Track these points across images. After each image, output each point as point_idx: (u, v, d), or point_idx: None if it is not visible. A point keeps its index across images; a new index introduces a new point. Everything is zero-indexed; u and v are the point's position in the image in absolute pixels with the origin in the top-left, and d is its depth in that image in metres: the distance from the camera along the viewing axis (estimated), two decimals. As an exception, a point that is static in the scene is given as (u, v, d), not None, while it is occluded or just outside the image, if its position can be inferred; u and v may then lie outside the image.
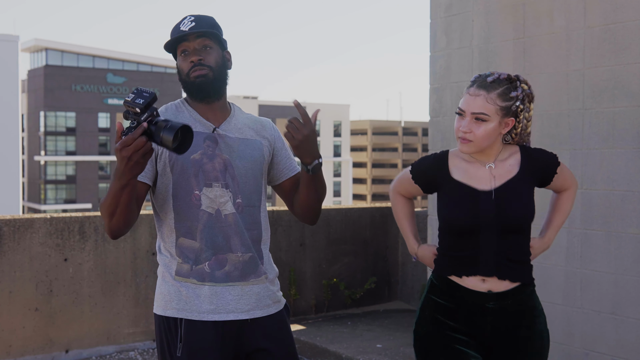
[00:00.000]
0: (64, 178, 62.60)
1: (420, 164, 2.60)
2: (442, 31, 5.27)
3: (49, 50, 61.85)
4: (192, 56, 2.37)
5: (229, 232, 2.37)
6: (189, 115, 2.42)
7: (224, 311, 2.36)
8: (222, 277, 2.36)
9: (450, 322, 2.46)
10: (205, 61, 2.37)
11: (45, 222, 5.08)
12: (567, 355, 4.48)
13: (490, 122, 2.39)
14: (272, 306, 2.46)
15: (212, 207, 2.36)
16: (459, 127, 2.42)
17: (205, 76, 2.37)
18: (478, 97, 2.39)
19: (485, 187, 2.45)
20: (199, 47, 2.38)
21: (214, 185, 2.37)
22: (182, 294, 2.36)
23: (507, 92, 2.40)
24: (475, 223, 2.41)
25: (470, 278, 2.44)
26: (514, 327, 2.47)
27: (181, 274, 2.37)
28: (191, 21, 2.39)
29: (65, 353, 5.16)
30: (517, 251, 2.46)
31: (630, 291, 4.18)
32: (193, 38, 2.38)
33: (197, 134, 2.36)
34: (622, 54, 4.19)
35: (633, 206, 4.16)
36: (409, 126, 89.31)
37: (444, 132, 5.27)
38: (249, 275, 2.39)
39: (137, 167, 2.12)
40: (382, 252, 6.92)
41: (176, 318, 2.36)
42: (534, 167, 2.48)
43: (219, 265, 2.36)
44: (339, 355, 5.24)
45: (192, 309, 2.35)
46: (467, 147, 2.42)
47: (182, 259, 2.37)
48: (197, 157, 2.36)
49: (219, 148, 2.39)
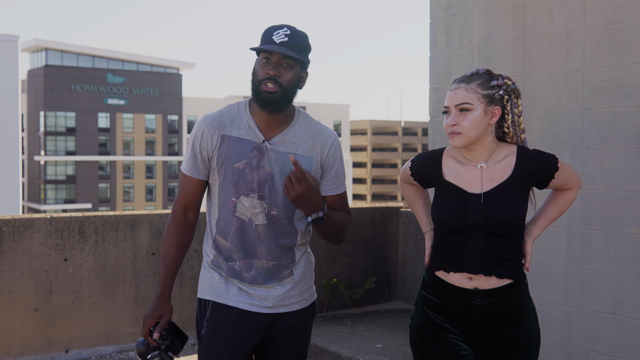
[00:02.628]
0: (63, 178, 62.63)
1: (417, 162, 2.64)
2: (442, 31, 5.27)
3: (49, 50, 61.87)
4: (270, 68, 2.41)
5: (257, 241, 2.50)
6: (246, 121, 2.50)
7: (248, 302, 2.51)
8: (248, 279, 2.52)
9: (439, 317, 2.51)
10: (280, 78, 2.41)
11: (45, 222, 5.08)
12: (567, 355, 4.48)
13: (474, 110, 2.42)
14: (297, 304, 2.58)
15: (245, 215, 2.49)
16: (446, 123, 2.46)
17: (275, 93, 2.41)
18: (458, 89, 2.45)
19: (474, 189, 2.46)
20: (280, 62, 2.42)
21: (250, 195, 2.48)
22: (215, 280, 2.56)
23: (487, 82, 2.45)
24: (462, 225, 2.44)
25: (457, 275, 2.48)
26: (500, 324, 2.48)
27: (215, 265, 2.57)
28: (285, 34, 2.42)
29: (65, 353, 5.16)
30: (505, 252, 2.46)
31: (630, 291, 4.18)
32: (278, 52, 2.42)
33: (247, 142, 2.47)
34: (622, 54, 4.19)
35: (633, 206, 4.16)
36: (408, 126, 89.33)
37: (443, 132, 5.25)
38: (271, 280, 2.53)
39: None
40: (382, 252, 6.92)
41: (207, 300, 2.55)
42: (528, 170, 2.46)
43: (246, 267, 2.52)
44: (338, 355, 5.24)
45: (221, 294, 2.53)
46: (457, 141, 2.44)
47: (217, 253, 2.55)
48: (240, 166, 2.46)
49: (264, 160, 2.47)
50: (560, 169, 2.50)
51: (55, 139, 61.96)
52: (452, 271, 2.48)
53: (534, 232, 2.56)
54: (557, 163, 2.49)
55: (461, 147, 2.45)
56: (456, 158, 2.53)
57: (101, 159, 63.37)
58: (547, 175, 2.49)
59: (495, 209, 2.41)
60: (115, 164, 64.15)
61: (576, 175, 2.57)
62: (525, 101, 4.65)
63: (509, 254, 2.46)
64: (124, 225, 5.38)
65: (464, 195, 2.45)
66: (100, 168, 63.85)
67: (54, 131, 61.78)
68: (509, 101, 2.48)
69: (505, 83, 2.48)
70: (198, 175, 2.53)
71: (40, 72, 61.23)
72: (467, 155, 2.50)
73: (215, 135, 2.48)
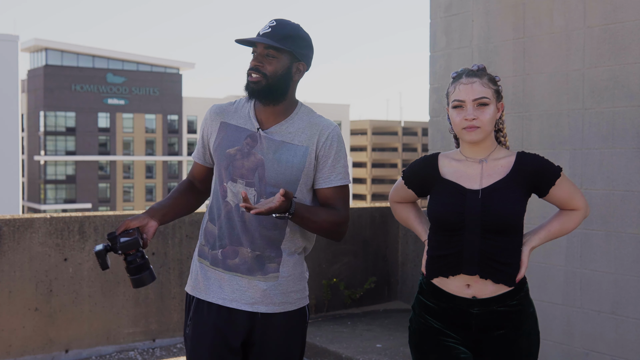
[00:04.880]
0: (63, 178, 62.61)
1: (411, 168, 2.63)
2: (442, 31, 5.27)
3: (49, 50, 61.85)
4: (254, 59, 2.48)
5: (242, 227, 2.49)
6: (247, 111, 2.56)
7: (228, 298, 2.49)
8: (230, 267, 2.50)
9: (438, 322, 2.50)
10: (262, 68, 2.46)
11: (45, 222, 5.08)
12: (567, 355, 4.48)
13: (491, 105, 2.44)
14: (279, 305, 2.51)
15: (234, 201, 2.50)
16: (463, 117, 2.43)
17: (257, 83, 2.46)
18: (474, 84, 2.44)
19: (473, 186, 2.46)
20: (263, 54, 2.47)
21: (239, 181, 2.49)
22: (198, 274, 2.57)
23: (493, 78, 2.49)
24: (460, 220, 2.42)
25: (455, 282, 2.46)
26: (499, 328, 2.47)
27: (201, 255, 2.58)
28: (270, 26, 2.48)
29: (65, 353, 5.16)
30: (502, 253, 2.43)
31: (630, 291, 4.18)
32: (260, 43, 2.47)
33: (242, 130, 2.52)
34: (622, 54, 4.19)
35: (633, 206, 4.16)
36: (408, 126, 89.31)
37: (444, 132, 5.27)
38: (255, 272, 2.49)
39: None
40: (382, 252, 6.91)
41: (191, 296, 2.58)
42: (527, 170, 2.45)
43: (230, 255, 2.49)
44: (338, 355, 5.25)
45: (201, 289, 2.54)
46: (475, 135, 2.43)
47: (205, 241, 2.57)
48: (232, 151, 2.51)
49: (256, 148, 2.49)
50: (562, 179, 2.47)
51: (55, 139, 61.94)
52: (450, 275, 2.46)
53: (532, 241, 2.51)
54: (560, 172, 2.47)
55: (478, 141, 2.45)
56: (453, 158, 2.54)
57: (101, 158, 63.35)
58: (546, 180, 2.46)
59: (492, 204, 2.40)
60: (115, 163, 64.14)
61: (583, 198, 2.52)
62: (525, 101, 4.65)
63: (505, 256, 2.43)
64: (124, 225, 5.37)
65: (462, 191, 2.45)
66: (100, 168, 63.83)
67: (54, 131, 61.76)
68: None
69: None
70: (203, 162, 2.65)
71: (40, 72, 61.21)
72: (469, 151, 2.50)
73: (216, 121, 2.56)
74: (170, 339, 5.58)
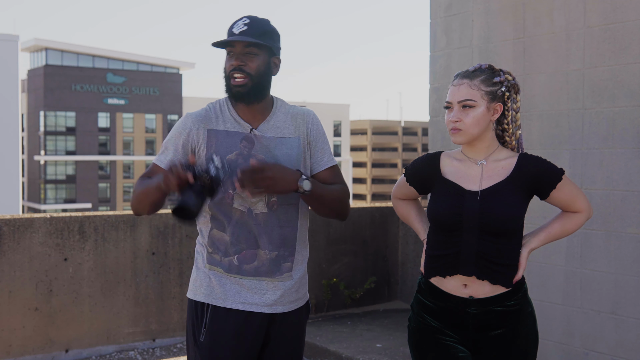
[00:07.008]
0: (63, 178, 62.59)
1: (413, 166, 2.64)
2: (442, 31, 5.27)
3: (49, 50, 61.83)
4: (235, 59, 2.43)
5: (259, 230, 2.46)
6: (230, 114, 2.50)
7: (247, 302, 2.47)
8: (249, 271, 2.48)
9: (436, 321, 2.51)
10: (246, 67, 2.42)
11: (45, 222, 5.08)
12: (567, 355, 4.48)
13: (477, 107, 2.42)
14: (293, 303, 2.56)
15: (244, 206, 2.46)
16: (448, 118, 2.45)
17: (244, 86, 2.43)
18: (462, 85, 2.44)
19: (472, 187, 2.45)
20: (243, 53, 2.43)
21: None
22: (211, 281, 2.50)
23: (490, 78, 2.45)
24: (458, 221, 2.42)
25: (452, 281, 2.46)
26: (496, 328, 2.47)
27: (211, 262, 2.51)
28: (244, 24, 2.44)
29: (65, 353, 5.16)
30: (500, 254, 2.42)
31: (630, 291, 4.18)
32: (239, 42, 2.43)
33: (234, 134, 2.47)
34: (622, 54, 4.19)
35: (633, 206, 4.16)
36: (408, 126, 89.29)
37: (444, 132, 5.27)
38: (274, 273, 2.49)
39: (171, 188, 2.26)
40: (382, 252, 6.91)
41: (204, 303, 2.50)
42: (529, 172, 2.43)
43: (248, 259, 2.47)
44: (338, 355, 5.25)
45: (218, 296, 2.48)
46: (458, 137, 2.44)
47: (213, 249, 2.50)
48: (232, 157, 2.46)
49: (255, 149, 2.47)
50: (564, 182, 2.45)
51: (55, 139, 61.92)
52: (447, 275, 2.46)
53: (531, 242, 2.49)
54: (562, 174, 2.45)
55: (462, 143, 2.46)
56: (455, 157, 2.53)
57: (101, 158, 63.32)
58: (547, 183, 2.44)
59: (491, 206, 2.40)
60: (115, 163, 64.13)
61: (586, 200, 2.50)
62: (525, 101, 4.65)
63: (503, 258, 2.42)
64: (124, 225, 5.38)
65: (461, 191, 2.45)
66: (100, 168, 63.80)
67: (54, 131, 61.74)
68: (509, 97, 2.48)
69: (507, 79, 2.48)
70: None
71: (41, 72, 61.19)
72: (467, 151, 2.50)
73: (202, 129, 2.47)
74: (170, 338, 5.58)
